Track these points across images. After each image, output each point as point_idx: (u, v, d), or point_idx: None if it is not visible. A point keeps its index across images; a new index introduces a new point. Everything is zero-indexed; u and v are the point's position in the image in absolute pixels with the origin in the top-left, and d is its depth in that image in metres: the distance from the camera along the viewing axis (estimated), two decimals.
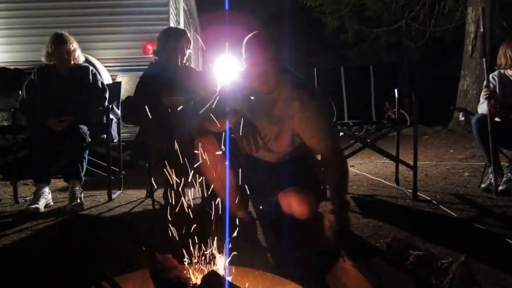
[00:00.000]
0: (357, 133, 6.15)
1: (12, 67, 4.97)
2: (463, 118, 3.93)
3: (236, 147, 2.23)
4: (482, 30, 3.57)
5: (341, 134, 3.75)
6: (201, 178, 1.76)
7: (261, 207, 2.51)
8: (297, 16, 14.52)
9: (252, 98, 2.17)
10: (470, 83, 8.32)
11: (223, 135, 2.10)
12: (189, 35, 3.28)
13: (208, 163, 2.16)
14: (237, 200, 2.20)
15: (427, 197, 3.26)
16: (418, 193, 3.30)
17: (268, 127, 2.19)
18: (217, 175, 2.17)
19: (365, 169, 4.99)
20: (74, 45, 3.43)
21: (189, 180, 1.86)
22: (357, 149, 3.68)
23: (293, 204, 2.09)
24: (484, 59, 3.45)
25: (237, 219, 2.17)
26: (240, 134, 1.97)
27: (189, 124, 2.59)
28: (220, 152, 2.13)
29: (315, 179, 2.17)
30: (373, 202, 3.33)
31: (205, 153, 2.15)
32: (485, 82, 3.45)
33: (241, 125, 1.98)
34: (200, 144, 2.16)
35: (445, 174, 4.41)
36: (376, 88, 3.76)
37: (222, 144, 2.12)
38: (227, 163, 2.13)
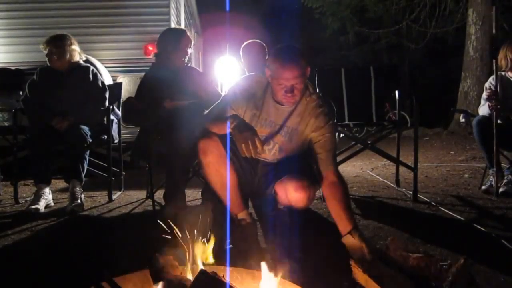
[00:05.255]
0: (357, 134, 6.16)
1: (13, 68, 4.98)
2: (464, 120, 3.94)
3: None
4: (494, 31, 3.57)
5: (341, 135, 3.75)
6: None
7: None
8: (296, 17, 14.52)
9: (259, 105, 2.16)
10: (471, 84, 8.32)
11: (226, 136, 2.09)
12: (189, 33, 3.27)
13: (211, 165, 2.17)
14: (238, 201, 2.19)
15: (427, 199, 3.26)
16: (419, 195, 3.30)
17: (277, 137, 2.18)
18: (219, 176, 2.17)
19: (366, 170, 4.99)
20: (69, 43, 3.38)
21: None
22: (358, 150, 3.68)
23: (290, 191, 2.08)
24: (494, 61, 3.45)
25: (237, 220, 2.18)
26: (238, 138, 1.95)
27: (192, 126, 2.58)
28: (223, 153, 2.13)
29: (312, 170, 2.14)
30: (374, 204, 3.34)
31: (209, 155, 2.15)
32: (487, 84, 3.46)
33: (239, 129, 1.96)
34: (203, 145, 2.16)
35: (446, 176, 4.41)
36: (376, 90, 3.76)
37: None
38: (228, 164, 2.13)
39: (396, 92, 3.74)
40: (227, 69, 5.16)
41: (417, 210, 3.03)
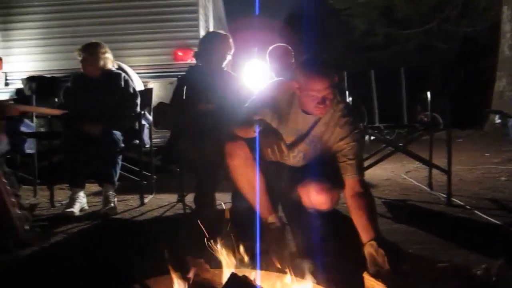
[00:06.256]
0: (388, 136, 6.07)
1: (48, 76, 5.15)
2: (499, 121, 3.83)
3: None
4: None
5: (372, 138, 3.70)
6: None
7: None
8: (325, 19, 14.45)
9: (286, 113, 2.15)
10: (506, 84, 8.07)
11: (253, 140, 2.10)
12: (231, 41, 3.27)
13: (238, 168, 2.18)
14: (266, 204, 2.19)
15: (461, 203, 3.18)
16: (452, 198, 3.21)
17: (301, 145, 2.18)
18: (247, 179, 2.18)
19: (397, 173, 4.90)
20: (102, 51, 3.46)
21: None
22: (388, 153, 3.62)
23: (312, 193, 2.07)
24: None
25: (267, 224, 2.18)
26: (264, 142, 1.94)
27: (222, 130, 2.60)
28: (249, 157, 2.14)
29: (337, 173, 2.12)
30: (405, 207, 3.27)
31: (235, 158, 2.16)
32: None
33: (265, 134, 1.96)
34: (229, 148, 2.17)
35: (481, 179, 4.28)
36: (407, 91, 3.70)
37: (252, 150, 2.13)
38: (257, 167, 2.13)
39: (428, 93, 3.67)
40: (256, 74, 5.18)
41: (451, 213, 2.95)
